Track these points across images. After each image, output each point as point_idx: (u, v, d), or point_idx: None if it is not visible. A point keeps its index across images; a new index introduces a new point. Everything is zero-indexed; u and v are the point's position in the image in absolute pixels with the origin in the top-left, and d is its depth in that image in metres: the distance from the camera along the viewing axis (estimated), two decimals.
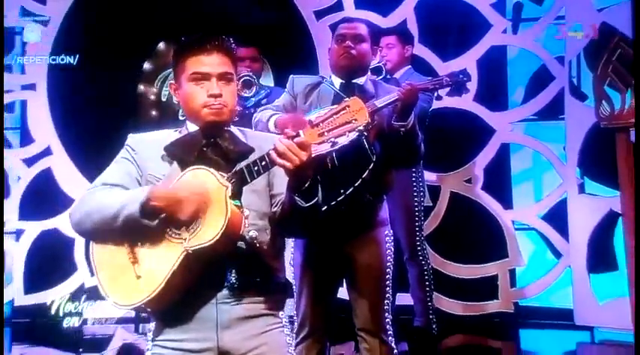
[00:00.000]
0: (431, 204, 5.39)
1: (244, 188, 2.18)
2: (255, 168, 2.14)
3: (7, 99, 5.96)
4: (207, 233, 2.07)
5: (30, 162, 5.86)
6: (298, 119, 3.12)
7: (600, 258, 5.16)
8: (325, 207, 2.71)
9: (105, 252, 2.22)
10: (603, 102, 3.59)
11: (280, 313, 2.32)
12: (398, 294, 4.76)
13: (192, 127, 2.32)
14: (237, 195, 2.14)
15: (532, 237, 5.74)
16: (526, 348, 5.22)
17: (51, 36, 5.90)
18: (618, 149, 3.51)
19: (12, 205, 5.79)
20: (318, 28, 5.69)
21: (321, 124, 2.06)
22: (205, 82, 2.24)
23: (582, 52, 5.35)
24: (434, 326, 4.81)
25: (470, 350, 5.08)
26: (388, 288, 3.31)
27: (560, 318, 5.30)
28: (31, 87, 5.94)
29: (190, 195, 2.09)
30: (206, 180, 2.12)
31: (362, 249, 3.26)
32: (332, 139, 2.06)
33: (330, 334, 3.41)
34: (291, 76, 3.50)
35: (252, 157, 2.21)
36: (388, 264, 3.31)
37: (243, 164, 2.19)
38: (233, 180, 2.13)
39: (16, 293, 5.65)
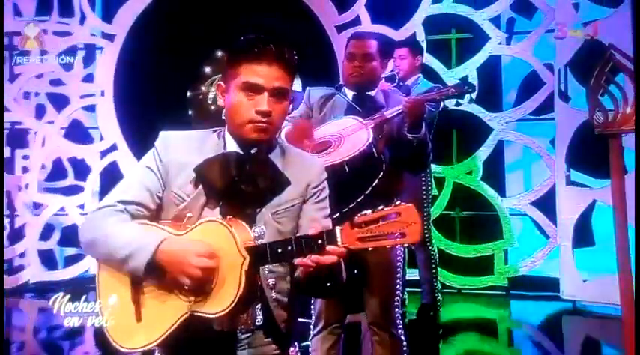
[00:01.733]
0: (437, 193, 4.92)
1: (270, 225, 1.62)
2: (280, 251, 1.52)
3: (86, 103, 5.80)
4: (213, 304, 1.50)
5: (101, 155, 5.69)
6: (304, 129, 2.59)
7: (582, 238, 4.66)
8: (337, 215, 2.18)
9: (110, 277, 1.62)
10: (597, 111, 3.00)
11: (291, 350, 1.75)
12: (407, 270, 4.34)
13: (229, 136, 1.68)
14: (254, 268, 1.55)
15: (524, 222, 5.20)
16: (516, 317, 4.81)
17: (117, 48, 5.66)
18: (611, 153, 3.00)
19: (88, 191, 5.64)
20: (338, 41, 5.17)
21: (363, 226, 1.46)
22: (256, 95, 1.60)
23: (569, 60, 4.76)
24: (439, 303, 4.35)
25: (468, 319, 4.62)
26: (398, 286, 2.76)
27: (547, 289, 4.78)
28: (101, 93, 5.72)
29: (199, 261, 1.49)
30: (224, 240, 1.51)
31: (374, 251, 2.67)
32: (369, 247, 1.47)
33: (343, 327, 2.83)
34: (308, 87, 2.91)
35: (287, 194, 1.64)
36: (398, 263, 2.75)
37: (267, 236, 1.60)
38: (253, 252, 1.52)
39: (89, 264, 5.46)
